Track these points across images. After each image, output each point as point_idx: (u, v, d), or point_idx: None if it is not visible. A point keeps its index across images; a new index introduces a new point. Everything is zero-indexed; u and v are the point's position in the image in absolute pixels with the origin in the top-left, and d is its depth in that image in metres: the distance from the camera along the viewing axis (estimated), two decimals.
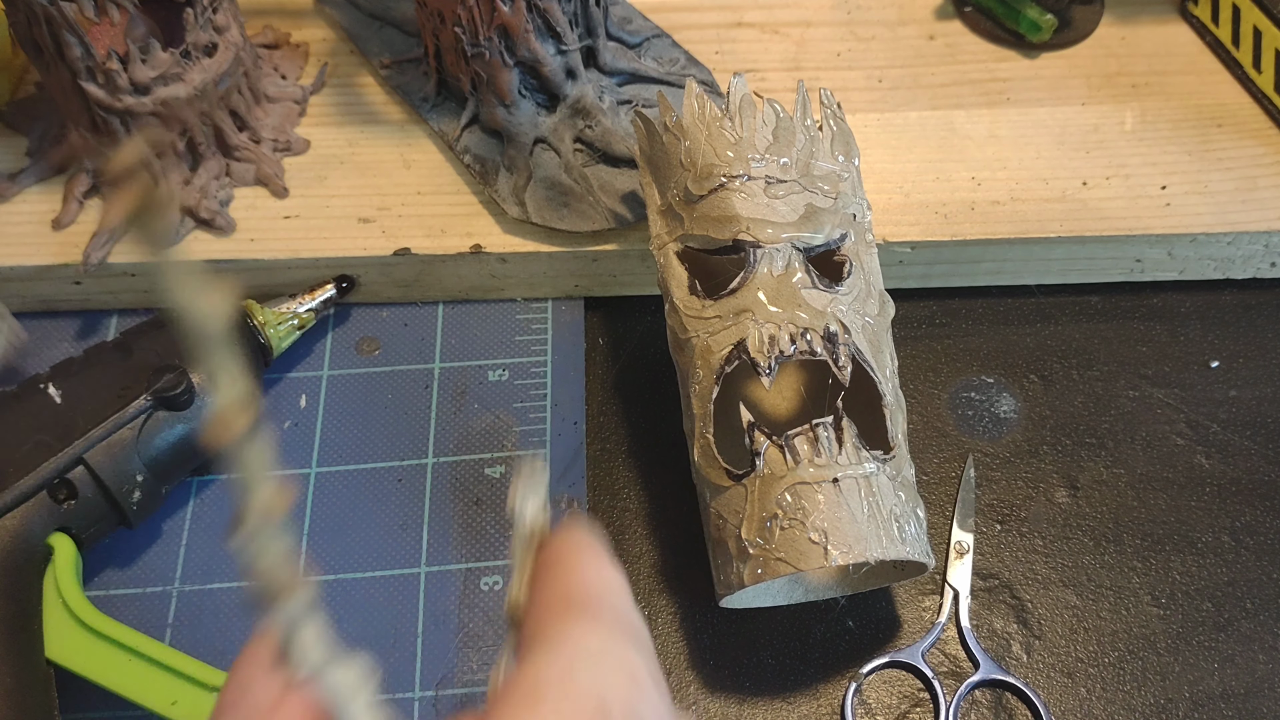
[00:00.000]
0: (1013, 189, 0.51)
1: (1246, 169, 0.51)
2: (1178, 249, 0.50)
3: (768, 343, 0.39)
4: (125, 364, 0.43)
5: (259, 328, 0.46)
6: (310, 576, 0.27)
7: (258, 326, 0.46)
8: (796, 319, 0.39)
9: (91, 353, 0.43)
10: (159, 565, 0.44)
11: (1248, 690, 0.42)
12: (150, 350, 0.43)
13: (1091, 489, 0.47)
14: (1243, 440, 0.48)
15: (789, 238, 0.40)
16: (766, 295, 0.39)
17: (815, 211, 0.41)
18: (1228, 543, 0.45)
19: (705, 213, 0.41)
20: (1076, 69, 0.56)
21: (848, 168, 0.43)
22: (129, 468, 0.41)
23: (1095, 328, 0.51)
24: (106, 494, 0.41)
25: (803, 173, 0.41)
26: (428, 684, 0.42)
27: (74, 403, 0.41)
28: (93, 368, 0.43)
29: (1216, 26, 0.56)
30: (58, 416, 0.41)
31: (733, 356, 0.39)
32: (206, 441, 0.20)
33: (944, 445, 0.48)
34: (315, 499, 0.46)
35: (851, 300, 0.40)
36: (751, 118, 0.41)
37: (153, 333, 0.44)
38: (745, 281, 0.40)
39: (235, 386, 0.20)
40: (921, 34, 0.57)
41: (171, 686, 0.38)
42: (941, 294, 0.52)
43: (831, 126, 0.43)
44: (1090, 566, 0.45)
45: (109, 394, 0.42)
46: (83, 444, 0.41)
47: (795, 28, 0.57)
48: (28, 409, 0.41)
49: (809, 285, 0.40)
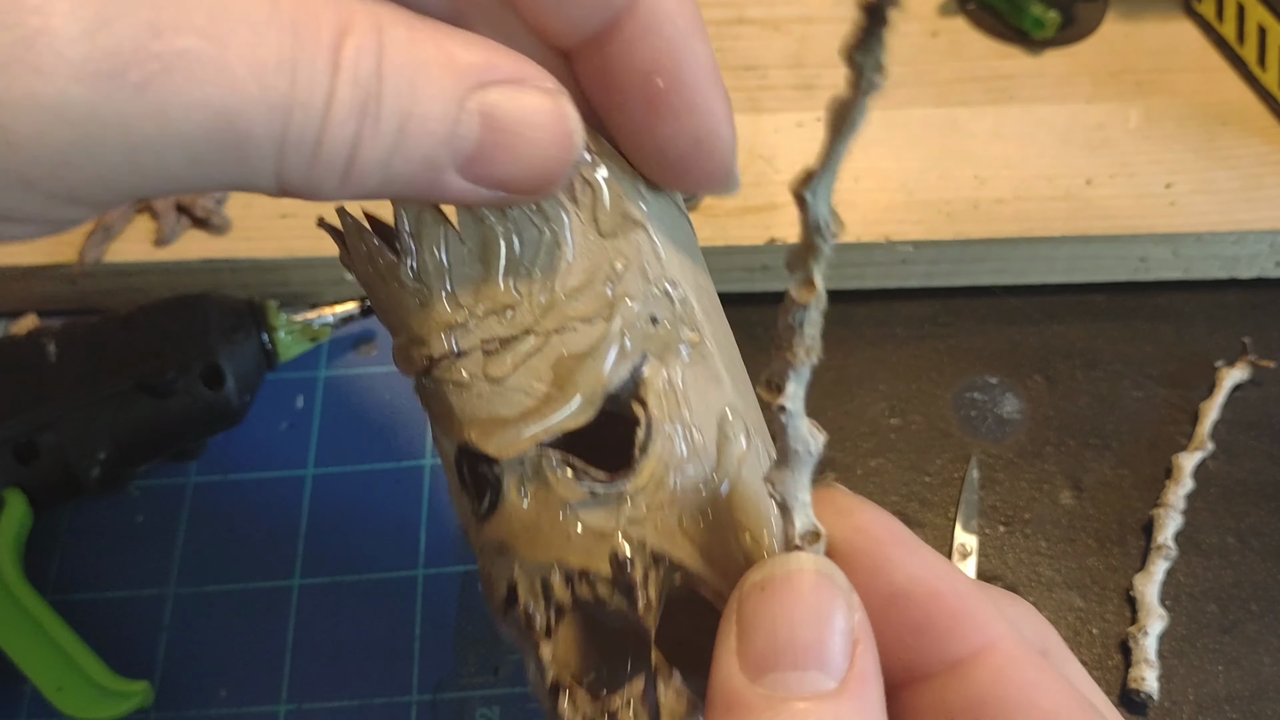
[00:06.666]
0: (1016, 187, 0.50)
1: (1252, 167, 0.51)
2: (1183, 248, 0.50)
3: (539, 593, 0.26)
4: (126, 339, 0.43)
5: (268, 332, 0.45)
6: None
7: (268, 330, 0.45)
8: (565, 560, 0.26)
9: (102, 322, 0.44)
10: (155, 567, 0.44)
11: (1253, 693, 0.42)
12: (155, 331, 0.43)
13: (1096, 490, 0.46)
14: (1249, 441, 0.47)
15: (534, 433, 0.25)
16: (521, 531, 0.26)
17: (572, 367, 0.25)
18: (1233, 544, 0.45)
19: (432, 409, 0.27)
20: (1081, 66, 0.55)
21: (628, 243, 0.25)
22: (94, 443, 0.42)
23: (1100, 327, 0.51)
24: (66, 465, 0.41)
25: (544, 309, 0.25)
26: (425, 688, 0.41)
27: (64, 366, 0.42)
28: (96, 335, 0.43)
29: (1221, 23, 0.55)
30: (44, 375, 0.42)
31: (509, 601, 0.27)
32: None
33: (947, 446, 0.47)
34: (312, 501, 0.45)
35: (656, 489, 0.25)
36: (437, 249, 0.25)
37: (164, 313, 0.44)
38: (494, 513, 0.26)
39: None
40: (925, 31, 0.57)
41: (64, 673, 0.39)
42: (944, 293, 0.51)
43: (594, 181, 0.25)
44: (1095, 569, 0.44)
45: (100, 366, 0.42)
46: (52, 410, 0.41)
47: (797, 24, 0.57)
48: (21, 360, 0.42)
49: (579, 497, 0.25)
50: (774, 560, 0.22)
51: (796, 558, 0.22)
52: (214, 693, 0.41)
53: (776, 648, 0.21)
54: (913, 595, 0.22)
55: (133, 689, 0.39)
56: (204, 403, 0.43)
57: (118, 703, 0.39)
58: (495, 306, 0.25)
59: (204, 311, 0.44)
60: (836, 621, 0.21)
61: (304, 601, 0.43)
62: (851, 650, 0.21)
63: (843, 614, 0.21)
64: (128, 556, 0.44)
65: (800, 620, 0.21)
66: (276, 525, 0.45)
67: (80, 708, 0.38)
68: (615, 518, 0.25)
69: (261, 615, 0.43)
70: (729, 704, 0.21)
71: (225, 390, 0.43)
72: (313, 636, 0.42)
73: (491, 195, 0.22)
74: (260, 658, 0.42)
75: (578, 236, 0.25)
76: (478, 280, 0.25)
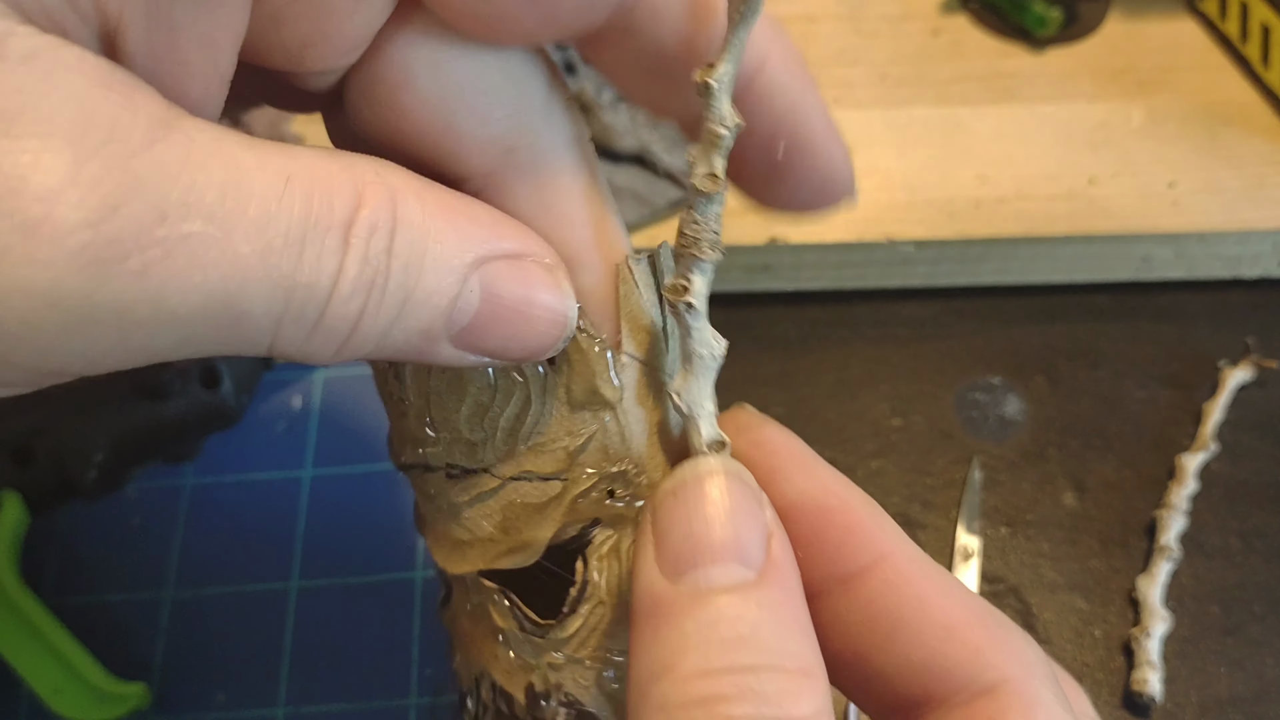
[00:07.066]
0: (1019, 186, 0.50)
1: (1255, 166, 0.51)
2: (1186, 247, 0.49)
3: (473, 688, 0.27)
4: None
5: None
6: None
7: None
8: (491, 675, 0.27)
9: None
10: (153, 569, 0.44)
11: (1255, 695, 0.41)
12: None
13: (1099, 491, 0.46)
14: (1252, 442, 0.47)
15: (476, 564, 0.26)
16: (461, 634, 0.27)
17: (521, 515, 0.25)
18: (1237, 546, 0.45)
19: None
20: (1083, 65, 0.55)
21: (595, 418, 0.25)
22: (90, 445, 0.41)
23: (1103, 327, 0.50)
24: (62, 467, 0.41)
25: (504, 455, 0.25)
26: (424, 691, 0.41)
27: None
28: None
29: (1224, 22, 0.55)
30: None
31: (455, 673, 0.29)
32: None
33: (949, 447, 0.47)
34: (310, 502, 0.45)
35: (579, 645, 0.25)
36: (424, 374, 0.25)
37: None
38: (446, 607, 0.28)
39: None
40: (926, 29, 0.56)
41: (61, 676, 0.39)
42: (946, 293, 0.51)
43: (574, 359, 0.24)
44: (1098, 570, 0.44)
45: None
46: (48, 412, 0.41)
47: (798, 23, 0.57)
48: None
49: (511, 628, 0.26)
50: (683, 467, 0.22)
51: (705, 461, 0.22)
52: (211, 695, 0.41)
53: (693, 546, 0.21)
54: (804, 510, 0.23)
55: (130, 692, 0.39)
56: (201, 404, 0.43)
57: (115, 705, 0.39)
58: (460, 439, 0.25)
59: None
60: (750, 515, 0.21)
61: (302, 604, 0.43)
62: (767, 542, 0.21)
63: (755, 509, 0.22)
64: (125, 559, 0.44)
65: (714, 517, 0.21)
66: (274, 527, 0.44)
67: (77, 710, 0.38)
68: (539, 657, 0.26)
69: (259, 617, 0.43)
70: (653, 607, 0.21)
71: (222, 391, 0.43)
72: (311, 639, 0.42)
73: (477, 360, 0.22)
74: (258, 660, 0.42)
75: (549, 401, 0.25)
76: (450, 411, 0.25)
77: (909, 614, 0.22)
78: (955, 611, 0.22)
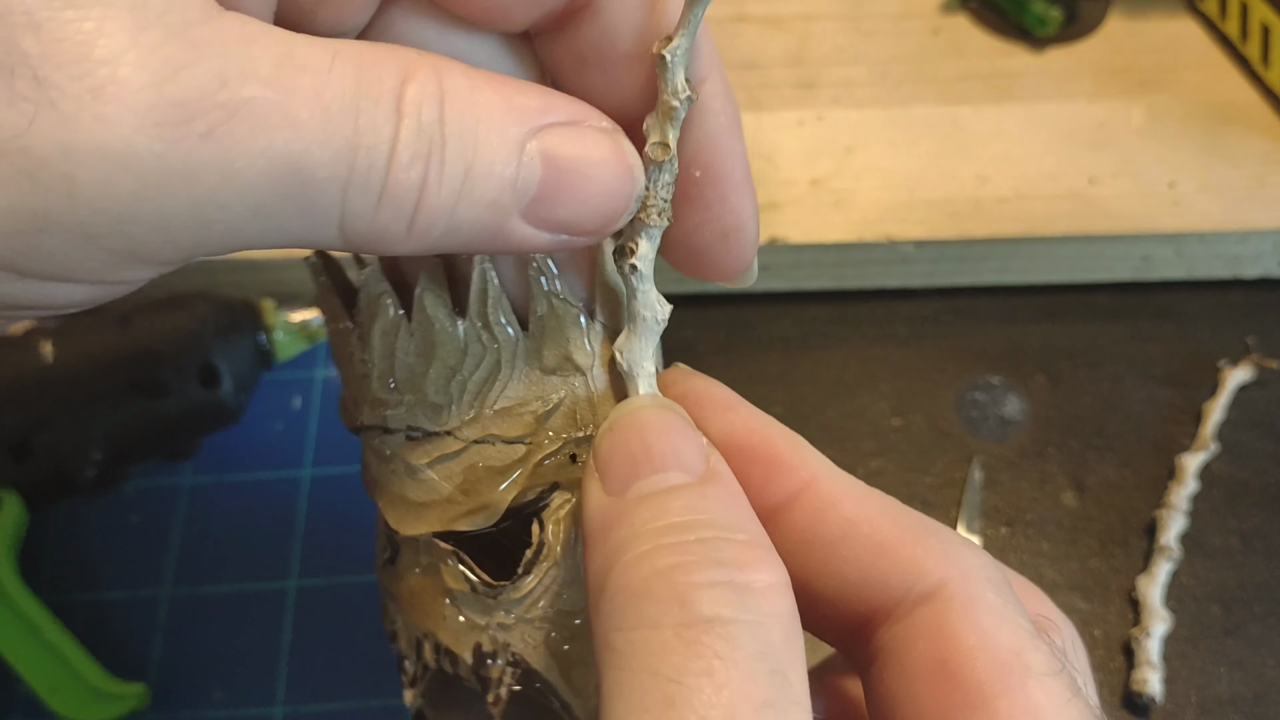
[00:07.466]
0: (1019, 186, 0.50)
1: (1256, 166, 0.51)
2: (1186, 247, 0.49)
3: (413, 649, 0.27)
4: (120, 339, 0.43)
5: (265, 331, 0.45)
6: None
7: (264, 330, 0.45)
8: (437, 636, 0.27)
9: (97, 321, 0.44)
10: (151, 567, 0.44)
11: (1256, 695, 0.41)
12: (151, 330, 0.43)
13: (1099, 491, 0.46)
14: (1253, 442, 0.47)
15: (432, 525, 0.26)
16: (408, 595, 0.27)
17: (482, 478, 0.26)
18: (1237, 546, 0.45)
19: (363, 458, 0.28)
20: (1083, 64, 0.55)
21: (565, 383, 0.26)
22: (89, 443, 0.41)
23: (1103, 327, 0.50)
24: (61, 464, 0.41)
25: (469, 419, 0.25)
26: None
27: (59, 365, 0.42)
28: (91, 335, 0.43)
29: (1224, 21, 0.55)
30: (39, 375, 0.41)
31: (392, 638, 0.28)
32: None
33: (949, 447, 0.47)
34: (308, 501, 0.45)
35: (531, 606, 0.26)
36: (386, 334, 0.25)
37: (159, 313, 0.44)
38: (392, 568, 0.28)
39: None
40: (926, 28, 0.56)
41: (59, 675, 0.39)
42: (947, 293, 0.51)
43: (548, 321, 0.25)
44: (1098, 570, 0.44)
45: (95, 366, 0.42)
46: (47, 409, 0.41)
47: (798, 22, 0.57)
48: (16, 359, 0.42)
49: (462, 589, 0.26)
50: (617, 408, 0.23)
51: (638, 399, 0.24)
52: (209, 694, 0.41)
53: (634, 464, 0.22)
54: (727, 449, 0.23)
55: (128, 690, 0.39)
56: (199, 402, 0.43)
57: (113, 704, 0.39)
58: (424, 402, 0.25)
59: (200, 311, 0.44)
60: (685, 434, 0.22)
61: (300, 603, 0.43)
62: (705, 456, 0.22)
63: (689, 430, 0.23)
64: (123, 557, 0.44)
65: (651, 437, 0.22)
66: (272, 526, 0.44)
67: (75, 709, 0.38)
68: (488, 617, 0.26)
69: (257, 616, 0.42)
70: (603, 525, 0.21)
71: (221, 390, 0.43)
72: (309, 638, 0.42)
73: (555, 240, 0.22)
74: (256, 659, 0.42)
75: (519, 365, 0.25)
76: (416, 373, 0.25)
77: (838, 534, 0.23)
78: (884, 526, 0.23)
